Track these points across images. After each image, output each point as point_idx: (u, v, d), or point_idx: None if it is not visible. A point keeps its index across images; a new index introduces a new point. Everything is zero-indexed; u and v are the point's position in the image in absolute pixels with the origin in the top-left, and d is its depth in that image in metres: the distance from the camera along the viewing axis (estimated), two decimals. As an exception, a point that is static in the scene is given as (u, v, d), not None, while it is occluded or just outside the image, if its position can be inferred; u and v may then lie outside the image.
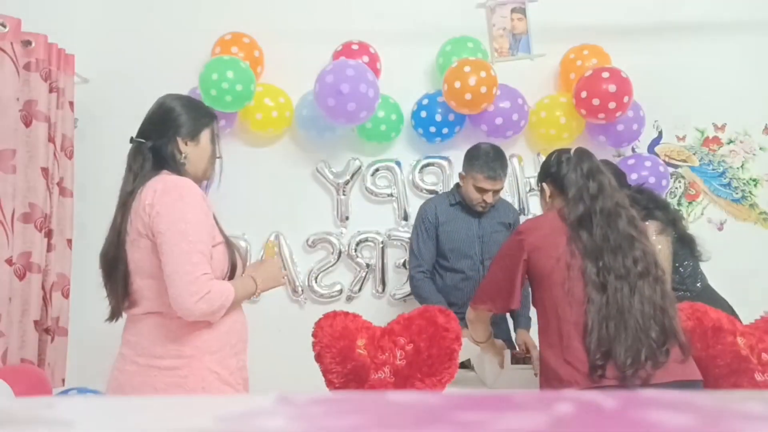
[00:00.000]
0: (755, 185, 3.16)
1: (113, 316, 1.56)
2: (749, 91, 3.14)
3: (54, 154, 2.78)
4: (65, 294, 2.85)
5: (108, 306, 1.56)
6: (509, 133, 2.98)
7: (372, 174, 3.10)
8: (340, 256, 3.06)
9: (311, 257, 3.08)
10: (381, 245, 3.06)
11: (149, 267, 1.48)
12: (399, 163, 3.11)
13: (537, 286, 1.71)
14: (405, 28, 3.15)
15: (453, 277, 2.52)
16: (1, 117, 2.55)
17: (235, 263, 1.57)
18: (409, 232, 3.04)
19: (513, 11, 3.19)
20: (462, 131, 3.06)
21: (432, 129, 2.99)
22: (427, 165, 3.11)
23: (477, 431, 0.32)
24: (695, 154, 3.18)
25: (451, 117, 2.96)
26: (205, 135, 1.63)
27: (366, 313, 2.05)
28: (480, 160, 2.40)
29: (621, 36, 3.13)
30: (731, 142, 3.18)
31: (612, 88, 2.79)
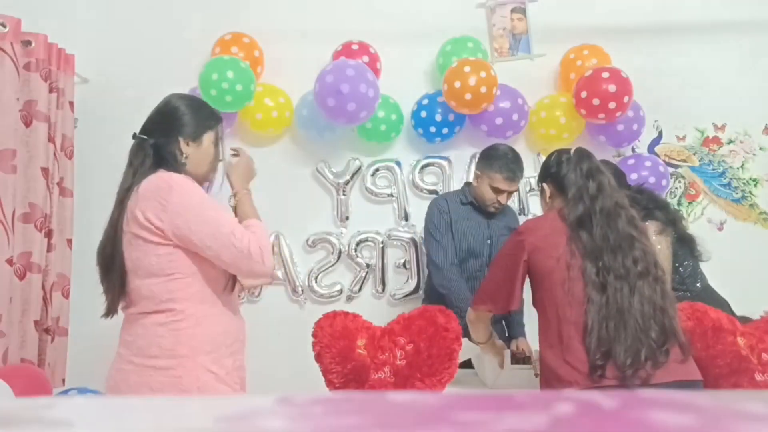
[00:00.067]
0: (755, 185, 3.16)
1: (109, 312, 1.56)
2: (749, 91, 3.15)
3: (54, 154, 2.78)
4: (65, 294, 2.85)
5: (105, 302, 1.56)
6: (509, 133, 2.98)
7: (372, 174, 3.10)
8: (340, 256, 3.06)
9: (311, 257, 3.08)
10: (381, 245, 3.06)
11: (147, 266, 1.48)
12: (399, 163, 3.11)
13: (537, 286, 1.71)
14: (405, 28, 3.15)
15: None
16: (1, 117, 2.55)
17: None
18: (409, 232, 3.05)
19: (513, 11, 3.19)
20: (462, 131, 3.06)
21: (432, 129, 2.99)
22: (427, 165, 3.11)
23: (477, 431, 0.32)
24: (695, 154, 3.18)
25: (451, 117, 2.96)
26: (208, 137, 1.62)
27: (366, 313, 2.04)
28: (500, 160, 2.40)
29: (621, 36, 3.13)
30: (731, 142, 3.18)
31: (612, 88, 2.79)
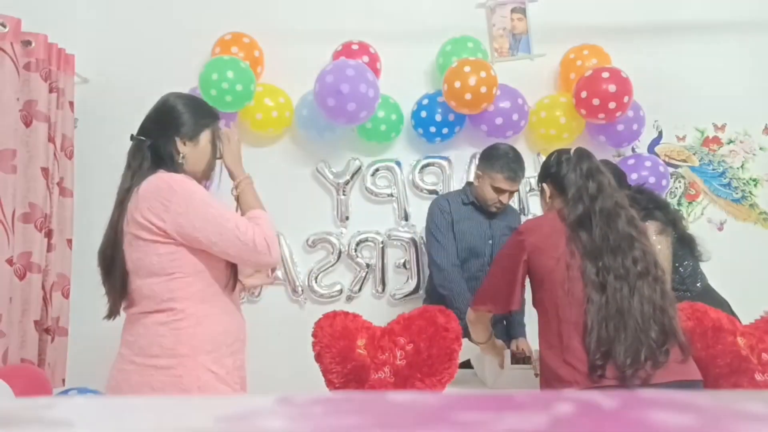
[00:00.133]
0: (755, 185, 3.16)
1: (111, 314, 1.56)
2: (749, 91, 3.15)
3: (54, 154, 2.78)
4: (65, 294, 2.85)
5: (106, 304, 1.57)
6: (509, 133, 2.98)
7: (372, 174, 3.10)
8: (340, 256, 3.06)
9: (311, 257, 3.08)
10: (381, 245, 3.06)
11: (147, 266, 1.48)
12: (399, 163, 3.11)
13: (537, 286, 1.71)
14: (405, 28, 3.15)
15: None
16: (1, 117, 2.55)
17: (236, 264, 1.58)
18: (409, 232, 3.05)
19: (513, 11, 3.19)
20: (462, 131, 3.06)
21: (432, 129, 2.99)
22: (427, 165, 3.11)
23: (477, 431, 0.32)
24: (695, 154, 3.18)
25: (451, 117, 2.96)
26: (205, 136, 1.62)
27: (366, 313, 2.05)
28: (501, 160, 2.39)
29: (621, 36, 3.13)
30: (731, 142, 3.18)
31: (612, 88, 2.79)
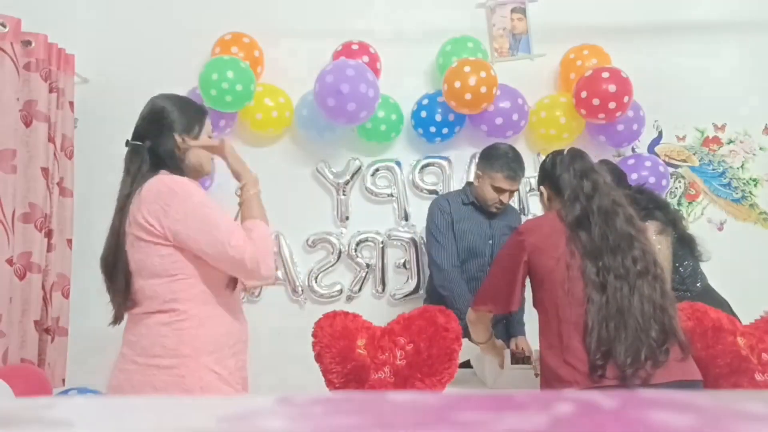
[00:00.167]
0: (755, 185, 3.16)
1: (116, 320, 1.56)
2: (749, 91, 3.15)
3: (54, 154, 2.78)
4: (65, 294, 2.85)
5: (112, 309, 1.56)
6: (509, 133, 2.98)
7: (372, 174, 3.10)
8: (340, 256, 3.06)
9: (311, 257, 3.08)
10: (381, 245, 3.06)
11: (150, 266, 1.48)
12: (399, 163, 3.11)
13: (537, 287, 1.71)
14: (405, 28, 3.15)
15: None
16: (1, 117, 2.55)
17: None
18: (409, 232, 3.05)
19: (513, 11, 3.19)
20: (462, 131, 3.06)
21: (432, 129, 2.99)
22: (427, 165, 3.11)
23: (477, 431, 0.32)
24: (695, 154, 3.18)
25: (451, 117, 2.96)
26: (200, 130, 1.63)
27: (366, 313, 2.04)
28: (500, 159, 2.39)
29: (621, 36, 3.13)
30: (731, 142, 3.18)
31: (612, 88, 2.79)
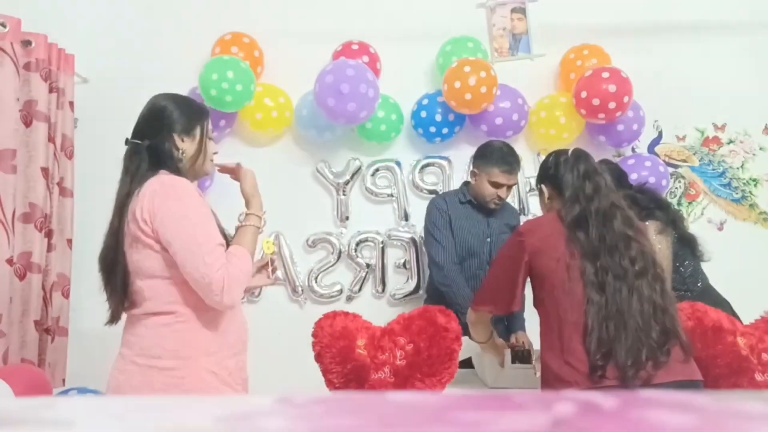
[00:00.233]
0: (755, 185, 3.16)
1: (113, 319, 1.56)
2: (749, 91, 3.15)
3: (54, 154, 2.78)
4: (65, 294, 2.85)
5: (108, 309, 1.56)
6: (509, 133, 2.98)
7: (372, 174, 3.10)
8: (340, 256, 3.06)
9: (311, 257, 3.08)
10: (381, 245, 3.06)
11: (149, 268, 1.48)
12: (399, 163, 3.11)
13: (538, 287, 1.71)
14: (405, 28, 3.15)
15: None
16: (1, 117, 2.55)
17: None
18: (409, 232, 3.05)
19: (513, 11, 3.19)
20: (462, 131, 3.06)
21: (432, 129, 2.99)
22: (427, 165, 3.11)
23: (477, 431, 0.32)
24: (695, 154, 3.18)
25: (451, 117, 2.96)
26: (200, 130, 1.63)
27: (366, 313, 2.04)
28: (495, 155, 2.42)
29: (621, 36, 3.13)
30: (731, 142, 3.18)
31: (612, 88, 2.79)
